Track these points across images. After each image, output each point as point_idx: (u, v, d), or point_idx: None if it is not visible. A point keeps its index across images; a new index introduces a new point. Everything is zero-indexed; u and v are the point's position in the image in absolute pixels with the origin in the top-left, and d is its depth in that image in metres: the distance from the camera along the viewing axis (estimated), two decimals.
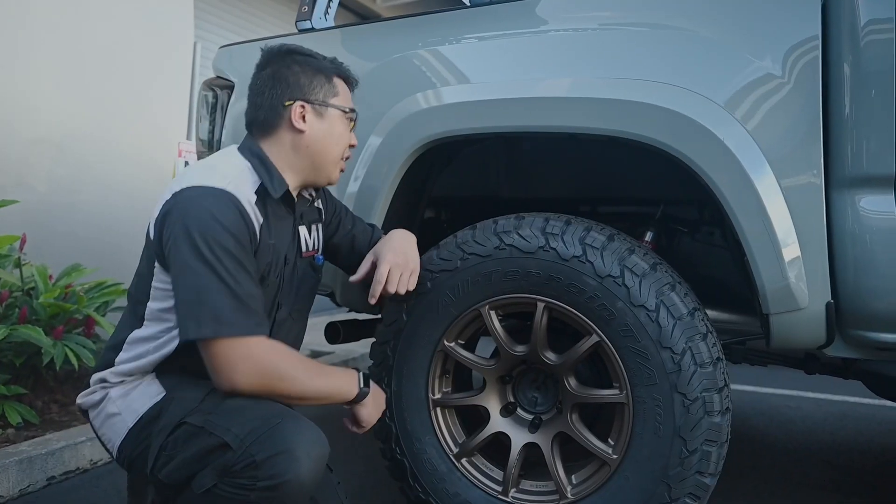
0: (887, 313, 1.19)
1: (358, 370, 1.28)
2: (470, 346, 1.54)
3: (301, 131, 1.24)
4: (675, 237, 1.77)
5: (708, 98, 1.26)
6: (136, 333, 1.19)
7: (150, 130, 3.79)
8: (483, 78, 1.49)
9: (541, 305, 1.35)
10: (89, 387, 1.23)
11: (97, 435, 1.23)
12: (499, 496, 1.43)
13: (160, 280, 1.16)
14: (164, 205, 1.14)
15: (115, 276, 2.70)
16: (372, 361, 1.53)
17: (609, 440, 1.34)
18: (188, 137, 3.14)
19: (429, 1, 6.23)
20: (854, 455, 2.27)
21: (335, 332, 1.75)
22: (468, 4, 1.59)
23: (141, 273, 1.21)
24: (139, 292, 1.20)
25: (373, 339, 1.58)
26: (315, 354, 3.46)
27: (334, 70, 1.30)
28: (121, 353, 1.20)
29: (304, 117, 1.25)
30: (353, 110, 1.32)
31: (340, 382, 1.22)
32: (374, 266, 1.35)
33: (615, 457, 1.31)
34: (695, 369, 1.24)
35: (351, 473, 2.00)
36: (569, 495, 1.36)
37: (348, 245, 1.47)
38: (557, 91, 1.38)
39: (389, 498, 1.80)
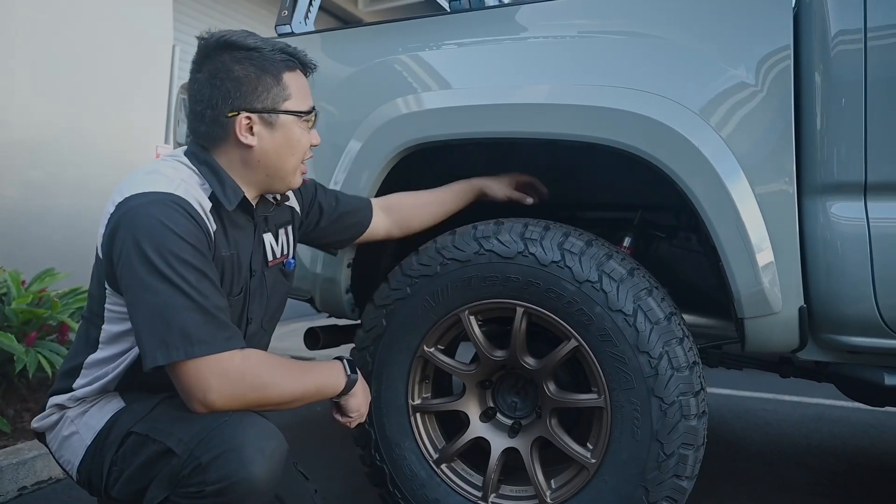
0: (858, 317, 1.22)
1: (341, 358, 1.20)
2: (450, 352, 1.54)
3: (249, 146, 1.09)
4: (654, 243, 1.79)
5: (684, 105, 1.27)
6: (93, 357, 1.11)
7: (127, 133, 3.74)
8: (463, 84, 1.50)
9: (520, 310, 1.36)
10: (44, 409, 1.15)
11: (56, 459, 1.15)
12: (479, 501, 1.43)
13: (113, 302, 1.07)
14: (108, 219, 1.04)
15: (88, 282, 2.65)
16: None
17: (588, 444, 1.35)
18: (166, 141, 3.10)
19: (412, 7, 6.24)
20: (828, 457, 2.31)
21: (315, 338, 1.74)
22: (449, 11, 1.59)
23: (93, 294, 1.11)
24: (92, 315, 1.12)
25: (352, 345, 1.57)
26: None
27: (285, 63, 1.11)
28: (78, 379, 1.12)
29: (251, 129, 1.09)
30: (311, 111, 1.15)
31: (326, 376, 1.15)
32: None
33: (594, 461, 1.32)
34: (672, 373, 1.25)
35: (330, 480, 1.98)
36: (548, 499, 1.36)
37: (339, 226, 1.43)
38: (536, 98, 1.40)
39: None
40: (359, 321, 1.57)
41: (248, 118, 1.09)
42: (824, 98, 1.22)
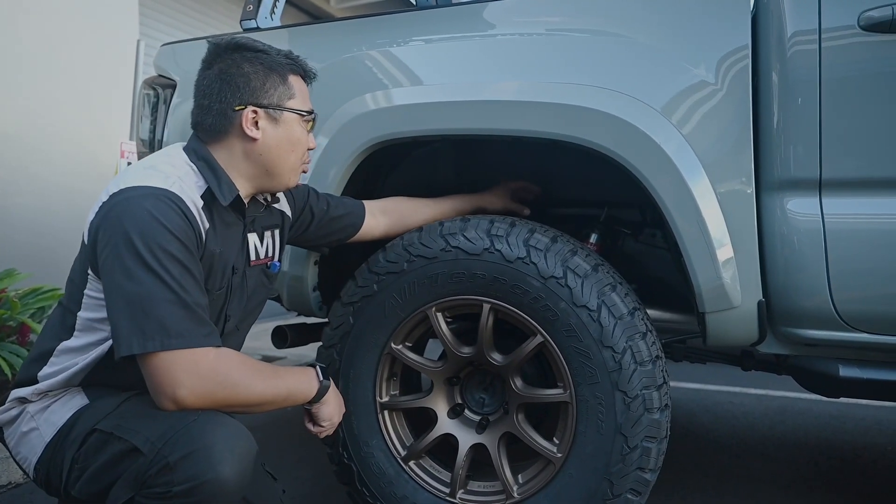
0: (814, 311, 1.25)
1: (314, 365, 1.20)
2: (418, 349, 1.53)
3: (253, 139, 1.14)
4: (620, 239, 1.81)
5: (646, 104, 1.29)
6: (66, 344, 1.10)
7: (90, 130, 3.65)
8: (431, 80, 1.50)
9: (486, 307, 1.36)
10: (4, 403, 1.13)
11: (12, 456, 1.12)
12: (447, 498, 1.43)
13: (94, 289, 1.07)
14: (100, 207, 1.05)
15: (51, 282, 2.59)
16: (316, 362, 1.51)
17: (554, 439, 1.36)
18: (131, 138, 3.04)
19: (384, 3, 6.21)
20: (791, 449, 2.36)
21: (283, 337, 1.72)
22: (416, 6, 1.59)
23: (73, 280, 1.12)
24: (70, 301, 1.12)
25: (320, 343, 1.56)
26: (266, 360, 3.40)
27: (290, 67, 1.19)
28: (45, 367, 1.10)
29: (256, 123, 1.14)
30: (311, 112, 1.22)
31: (298, 381, 1.15)
32: None
33: (560, 455, 1.33)
34: (635, 367, 1.27)
35: (298, 479, 1.97)
36: (515, 494, 1.37)
37: (329, 228, 1.45)
38: (502, 95, 1.40)
39: (338, 503, 1.78)
40: (326, 319, 1.56)
41: (255, 112, 1.14)
42: (781, 97, 1.25)
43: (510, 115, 1.39)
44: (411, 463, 1.47)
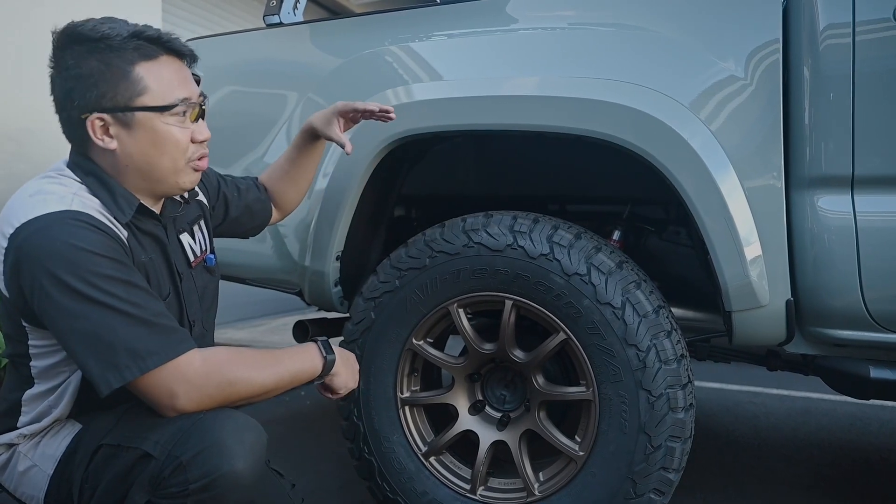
0: (844, 310, 1.23)
1: (315, 340, 1.14)
2: (439, 345, 1.53)
3: (112, 150, 0.99)
4: (643, 236, 1.79)
5: (673, 98, 1.27)
6: (31, 392, 1.03)
7: None
8: (452, 75, 1.49)
9: (509, 303, 1.36)
10: None
11: (16, 498, 1.06)
12: (467, 494, 1.43)
13: (38, 337, 0.99)
14: (4, 255, 0.94)
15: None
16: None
17: (576, 437, 1.35)
18: None
19: None
20: (815, 450, 2.33)
21: (304, 331, 1.73)
22: (438, 2, 1.58)
23: (10, 336, 1.03)
24: (16, 355, 1.03)
25: (341, 338, 1.57)
26: None
27: (138, 53, 0.98)
28: (21, 417, 1.04)
29: (107, 131, 0.98)
30: (179, 102, 1.00)
31: (300, 361, 1.09)
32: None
33: (582, 454, 1.32)
34: (659, 366, 1.25)
35: (319, 473, 1.98)
36: (536, 492, 1.37)
37: (247, 216, 1.39)
38: (525, 90, 1.39)
39: (358, 498, 1.78)
40: (348, 314, 1.56)
41: (101, 118, 0.98)
42: (813, 92, 1.22)
43: (533, 110, 1.38)
44: (432, 459, 1.47)
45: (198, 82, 1.09)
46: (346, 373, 1.17)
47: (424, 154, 1.72)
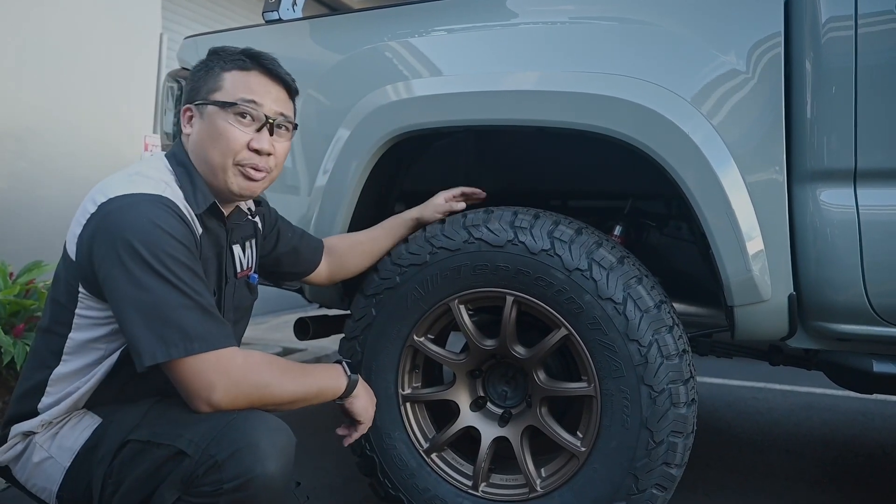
0: (847, 304, 1.22)
1: (340, 361, 1.22)
2: (440, 341, 1.53)
3: (187, 135, 1.14)
4: (644, 231, 1.78)
5: (675, 93, 1.27)
6: (58, 371, 1.05)
7: (114, 124, 3.69)
8: (453, 71, 1.48)
9: (510, 299, 1.35)
10: (5, 441, 1.08)
11: (26, 490, 1.08)
12: (469, 491, 1.43)
13: (87, 307, 1.03)
14: (88, 219, 1.00)
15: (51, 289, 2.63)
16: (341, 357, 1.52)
17: (578, 433, 1.35)
18: (154, 131, 3.07)
19: None
20: (818, 445, 2.32)
21: (304, 328, 1.73)
22: None
23: (58, 301, 1.06)
24: (55, 323, 1.06)
25: (342, 335, 1.56)
26: (286, 352, 3.42)
27: (235, 63, 1.12)
28: (44, 398, 1.06)
29: (190, 119, 1.14)
30: (241, 102, 1.09)
31: (327, 378, 1.15)
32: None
33: (584, 449, 1.32)
34: (661, 361, 1.25)
35: (320, 469, 1.98)
36: (538, 488, 1.36)
37: (292, 258, 1.42)
38: (526, 84, 1.38)
39: (359, 494, 1.78)
40: (348, 311, 1.56)
41: (189, 109, 1.14)
42: (815, 85, 1.21)
43: (534, 105, 1.37)
44: (433, 455, 1.47)
45: (294, 114, 1.20)
46: (366, 398, 1.23)
47: (425, 150, 1.71)
